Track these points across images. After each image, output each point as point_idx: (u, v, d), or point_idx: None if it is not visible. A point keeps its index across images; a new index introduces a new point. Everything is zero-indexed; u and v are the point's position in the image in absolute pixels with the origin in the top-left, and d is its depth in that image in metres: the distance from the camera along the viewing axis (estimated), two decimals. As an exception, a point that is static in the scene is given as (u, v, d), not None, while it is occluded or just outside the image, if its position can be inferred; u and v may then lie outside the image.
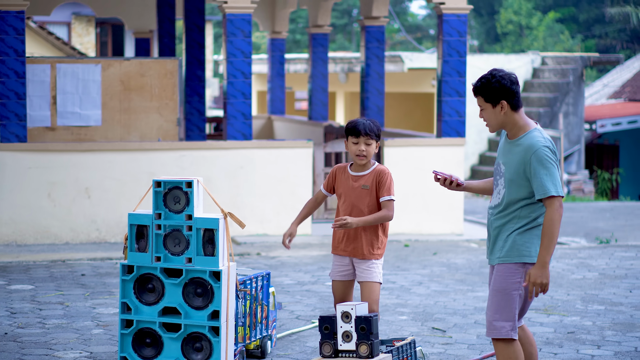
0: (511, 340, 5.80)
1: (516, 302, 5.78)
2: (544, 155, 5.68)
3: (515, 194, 5.79)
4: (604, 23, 52.24)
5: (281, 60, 22.65)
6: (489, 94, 5.80)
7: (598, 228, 16.29)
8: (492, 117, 5.84)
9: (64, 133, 14.15)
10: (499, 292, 5.79)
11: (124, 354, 6.88)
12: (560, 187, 5.68)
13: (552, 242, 5.64)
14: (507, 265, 5.79)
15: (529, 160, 5.71)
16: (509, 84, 5.77)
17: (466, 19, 14.55)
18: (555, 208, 5.64)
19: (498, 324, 5.78)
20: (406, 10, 62.08)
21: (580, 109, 28.83)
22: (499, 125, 5.87)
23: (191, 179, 6.79)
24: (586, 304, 9.66)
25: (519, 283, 5.76)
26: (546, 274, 5.64)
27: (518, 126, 5.82)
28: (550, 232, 5.63)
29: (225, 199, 13.65)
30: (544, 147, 5.70)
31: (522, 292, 5.79)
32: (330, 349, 6.79)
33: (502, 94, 5.78)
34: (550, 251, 5.65)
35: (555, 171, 5.68)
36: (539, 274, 5.64)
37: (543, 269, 5.64)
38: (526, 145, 5.74)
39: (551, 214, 5.64)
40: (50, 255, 12.37)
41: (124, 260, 6.98)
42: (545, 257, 5.64)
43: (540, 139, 5.74)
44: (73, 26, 34.95)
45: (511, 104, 5.79)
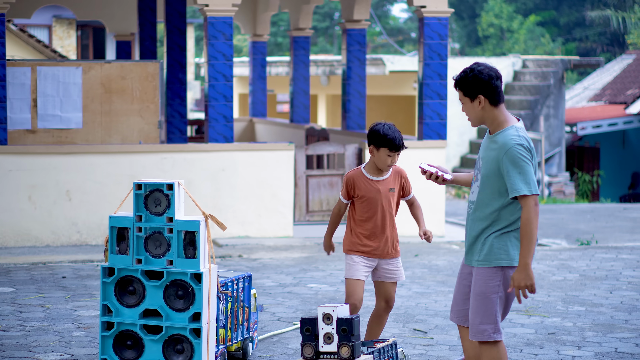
0: (495, 342, 5.80)
1: (496, 304, 5.76)
2: (516, 154, 5.61)
3: (489, 190, 5.74)
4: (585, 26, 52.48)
5: (263, 63, 22.66)
6: (466, 87, 5.75)
7: (579, 230, 16.35)
8: (470, 111, 5.79)
9: (44, 136, 14.12)
10: (479, 296, 5.78)
11: (105, 356, 6.86)
12: (533, 186, 5.60)
13: (532, 242, 5.60)
14: (485, 270, 5.77)
15: (502, 159, 5.65)
16: (487, 78, 5.70)
17: (447, 22, 14.60)
18: (530, 207, 5.58)
19: (481, 327, 5.78)
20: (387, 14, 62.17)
21: (561, 112, 28.93)
22: (478, 120, 5.81)
23: (172, 181, 6.77)
24: (567, 305, 9.70)
25: (497, 286, 5.73)
26: (529, 275, 5.60)
27: (497, 122, 5.76)
28: (528, 232, 5.59)
29: (206, 202, 13.64)
30: (517, 146, 5.62)
31: (502, 294, 5.76)
32: (312, 350, 6.79)
33: (479, 88, 5.71)
34: (531, 252, 5.60)
35: (528, 169, 5.60)
36: (522, 277, 5.60)
37: (525, 271, 5.60)
38: (500, 143, 5.68)
39: (527, 213, 5.58)
40: (31, 257, 12.33)
41: (104, 263, 6.96)
42: (526, 258, 5.60)
43: (514, 137, 5.66)
44: (54, 29, 34.85)
45: (489, 98, 5.72)
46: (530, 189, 5.59)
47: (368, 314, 9.21)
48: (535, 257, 12.87)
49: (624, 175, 30.76)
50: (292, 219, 14.35)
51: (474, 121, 5.84)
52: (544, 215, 18.31)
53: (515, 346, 8.04)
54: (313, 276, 11.27)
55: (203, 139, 19.75)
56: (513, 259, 5.73)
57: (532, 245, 5.60)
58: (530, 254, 5.60)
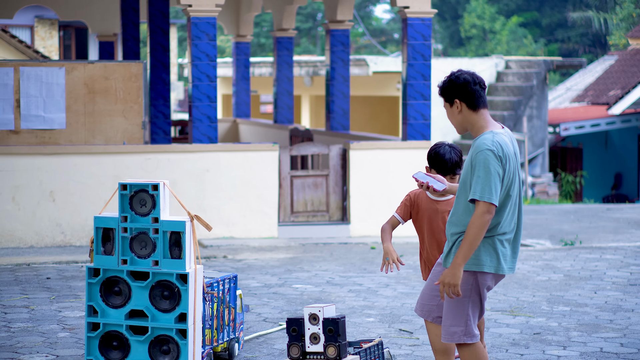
0: (469, 344, 5.81)
1: (468, 308, 5.76)
2: (483, 159, 5.58)
3: (463, 196, 5.74)
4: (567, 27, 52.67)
5: (246, 64, 22.64)
6: (445, 93, 5.79)
7: (562, 230, 16.40)
8: (451, 117, 5.82)
9: (28, 136, 14.06)
10: (451, 299, 5.79)
11: (91, 357, 6.84)
12: (491, 194, 5.53)
13: (470, 246, 5.56)
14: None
15: (471, 162, 5.66)
16: (463, 82, 5.71)
17: (430, 23, 14.61)
18: (479, 213, 5.54)
19: (451, 329, 5.80)
20: (370, 15, 62.26)
21: (544, 113, 29.02)
22: (459, 125, 5.81)
23: (157, 181, 6.76)
24: (552, 305, 9.72)
25: (469, 290, 5.73)
26: (456, 274, 5.58)
27: (477, 127, 5.76)
28: (469, 235, 5.56)
29: (191, 202, 13.61)
30: (487, 151, 5.59)
31: (475, 298, 5.77)
32: (298, 351, 6.79)
33: (455, 92, 5.73)
34: (466, 254, 5.57)
35: (491, 177, 5.55)
36: (448, 274, 5.61)
37: (453, 270, 5.59)
38: (475, 145, 5.69)
39: (474, 218, 5.55)
40: (15, 258, 12.28)
41: (90, 264, 6.93)
42: (458, 258, 5.58)
43: (487, 142, 5.62)
44: (36, 29, 34.72)
45: (466, 102, 5.73)
46: (483, 195, 5.54)
47: (354, 314, 9.21)
48: (520, 257, 12.90)
49: (607, 176, 30.88)
50: (277, 220, 14.35)
51: (457, 127, 5.85)
52: (528, 216, 18.36)
53: (501, 346, 8.06)
54: (298, 277, 11.27)
55: (187, 139, 19.72)
56: (484, 265, 5.72)
57: (470, 249, 5.56)
58: (465, 256, 5.57)
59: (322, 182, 14.80)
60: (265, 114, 34.32)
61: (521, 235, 5.97)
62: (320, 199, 14.74)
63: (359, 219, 14.57)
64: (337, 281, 10.99)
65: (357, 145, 14.66)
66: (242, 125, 23.29)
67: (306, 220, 14.74)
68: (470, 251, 5.56)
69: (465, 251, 5.56)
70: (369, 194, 14.62)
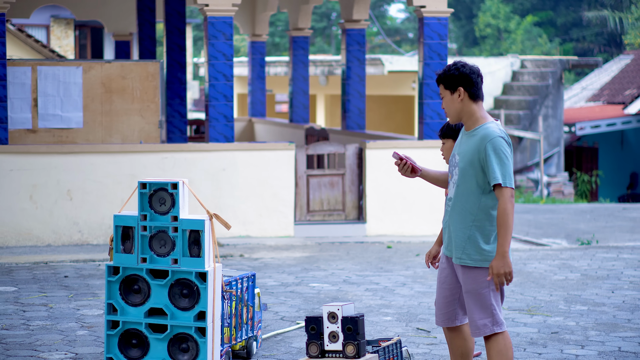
0: (498, 334, 5.86)
1: (491, 297, 5.85)
2: (499, 145, 5.75)
3: (468, 183, 5.85)
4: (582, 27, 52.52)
5: (261, 63, 22.67)
6: (447, 81, 5.89)
7: (579, 229, 16.37)
8: (450, 104, 5.91)
9: (45, 135, 14.11)
10: (471, 294, 5.88)
11: (110, 355, 6.87)
12: (510, 180, 5.74)
13: (508, 232, 5.72)
14: (471, 269, 5.88)
15: (484, 148, 5.77)
16: (469, 72, 5.86)
17: (447, 22, 14.61)
18: (506, 198, 5.71)
19: (480, 322, 5.86)
20: (385, 14, 62.22)
21: (559, 112, 28.96)
22: (457, 113, 5.91)
23: (177, 180, 6.78)
24: (569, 305, 9.71)
25: (487, 282, 5.83)
26: (507, 263, 5.70)
27: (475, 117, 5.89)
28: (504, 222, 5.70)
29: (207, 201, 13.64)
30: (499, 137, 5.77)
31: (494, 286, 5.85)
32: (317, 349, 6.80)
33: (459, 80, 5.86)
34: (508, 241, 5.71)
35: (507, 163, 5.75)
36: (501, 265, 5.70)
37: (504, 259, 5.70)
38: (482, 134, 5.80)
39: (503, 204, 5.71)
40: (33, 257, 12.33)
41: (109, 262, 6.96)
42: (503, 246, 5.70)
43: (496, 130, 5.81)
44: (52, 29, 34.82)
45: (469, 92, 5.86)
46: (505, 180, 5.73)
47: (371, 313, 9.22)
48: (537, 256, 12.89)
49: (623, 176, 30.79)
50: (293, 219, 14.36)
51: (453, 115, 5.94)
52: (544, 215, 18.33)
53: (519, 345, 8.05)
54: (315, 276, 11.28)
55: (202, 138, 19.77)
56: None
57: (509, 235, 5.72)
58: (507, 242, 5.71)
59: (338, 181, 14.81)
60: (280, 113, 34.35)
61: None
62: (337, 198, 14.75)
63: (375, 218, 14.57)
64: (353, 280, 11.00)
65: (373, 145, 14.67)
66: (258, 124, 23.32)
67: (322, 219, 14.75)
68: (509, 236, 5.70)
69: (507, 237, 5.70)
70: (385, 193, 14.62)
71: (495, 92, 30.10)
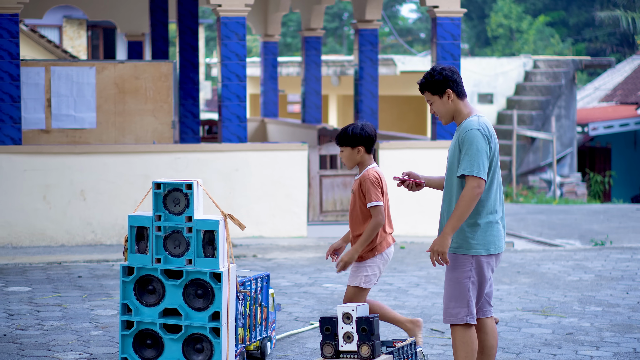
0: (468, 325, 6.05)
1: (469, 289, 6.03)
2: (470, 137, 5.93)
3: (454, 175, 6.04)
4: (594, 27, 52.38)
5: (274, 63, 22.66)
6: (434, 86, 6.13)
7: (592, 230, 16.33)
8: (441, 107, 6.14)
9: (58, 135, 14.14)
10: (452, 281, 6.07)
11: (125, 355, 6.87)
12: (478, 169, 5.87)
13: (459, 218, 5.88)
14: (456, 256, 6.05)
15: (462, 140, 5.97)
16: (451, 74, 6.11)
17: (460, 22, 14.58)
18: (470, 186, 5.88)
19: (454, 310, 6.06)
20: (397, 14, 62.15)
21: (572, 112, 28.89)
22: (450, 114, 6.15)
23: (191, 180, 6.78)
24: (583, 306, 9.68)
25: (469, 272, 6.02)
26: (445, 242, 5.90)
27: (463, 114, 6.12)
28: (459, 206, 5.89)
29: (220, 202, 13.64)
30: (474, 130, 5.96)
31: (475, 280, 6.03)
32: (332, 349, 6.79)
33: (446, 83, 6.10)
34: (455, 224, 5.88)
35: (479, 154, 5.90)
36: (438, 242, 5.94)
37: (442, 238, 5.92)
38: (462, 127, 6.04)
39: (465, 192, 5.89)
40: (47, 257, 12.35)
41: (123, 262, 6.96)
42: (447, 226, 5.90)
43: (474, 123, 6.00)
44: (64, 29, 34.89)
45: (456, 91, 6.11)
46: (472, 170, 5.89)
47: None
48: (550, 257, 12.85)
49: (636, 176, 30.69)
50: (306, 219, 14.35)
51: (446, 116, 6.18)
52: (557, 216, 18.29)
53: (533, 346, 8.03)
54: (328, 276, 11.27)
55: (215, 139, 19.78)
56: (483, 247, 6.02)
57: (459, 219, 5.89)
58: (454, 226, 5.89)
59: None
60: (292, 113, 34.34)
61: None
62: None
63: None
64: (367, 281, 10.97)
65: (386, 145, 14.65)
66: (270, 124, 23.32)
67: (335, 220, 14.74)
68: (459, 222, 5.89)
69: (455, 222, 5.90)
70: (398, 193, 14.58)
71: (508, 92, 30.05)
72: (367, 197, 7.00)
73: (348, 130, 7.07)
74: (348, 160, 7.10)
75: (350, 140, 7.06)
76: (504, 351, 7.88)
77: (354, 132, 7.06)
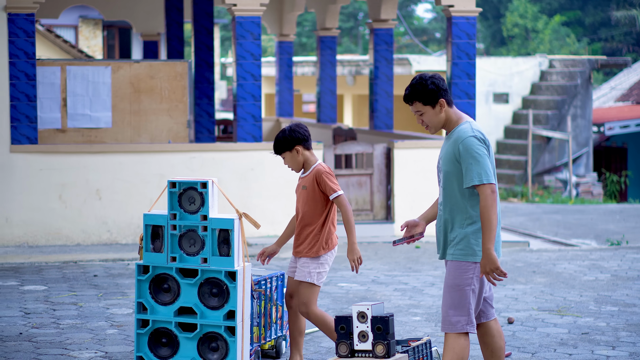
0: (465, 333, 5.95)
1: (469, 297, 5.92)
2: (470, 145, 5.83)
3: (454, 184, 5.93)
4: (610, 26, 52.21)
5: (289, 63, 22.67)
6: (427, 96, 5.96)
7: (608, 230, 16.27)
8: (434, 118, 6.00)
9: (74, 135, 14.17)
10: (453, 289, 5.94)
11: (140, 354, 6.88)
12: (487, 175, 5.79)
13: (491, 229, 5.76)
14: (460, 263, 5.93)
15: (459, 150, 5.87)
16: (441, 82, 5.98)
17: (475, 22, 14.55)
18: (486, 195, 5.78)
19: (454, 319, 5.93)
20: (412, 14, 62.09)
21: (588, 112, 28.80)
22: (441, 124, 6.03)
23: (206, 179, 6.78)
24: (599, 305, 9.65)
25: (471, 279, 5.90)
26: (492, 259, 5.75)
27: (453, 121, 6.01)
28: (486, 219, 5.77)
29: (235, 201, 13.64)
30: (471, 137, 5.85)
31: (476, 287, 5.93)
32: (347, 348, 6.78)
33: (438, 93, 5.96)
34: (491, 238, 5.76)
35: (482, 160, 5.81)
36: (486, 262, 5.77)
37: (488, 257, 5.76)
38: (455, 136, 5.93)
39: (484, 201, 5.78)
40: (62, 256, 12.38)
41: (138, 261, 6.97)
42: (487, 243, 5.77)
43: (467, 130, 5.90)
44: (80, 29, 34.97)
45: (447, 100, 5.98)
46: (482, 178, 5.80)
47: (400, 313, 9.20)
48: (566, 257, 12.82)
49: (652, 176, 30.57)
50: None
51: (437, 127, 6.05)
52: (573, 216, 18.23)
53: (549, 346, 8.01)
54: (343, 275, 11.26)
55: (230, 138, 19.78)
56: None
57: (492, 231, 5.77)
58: (491, 239, 5.76)
59: (367, 181, 14.78)
60: (307, 113, 34.34)
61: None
62: (365, 197, 14.72)
63: (403, 218, 14.53)
64: (382, 280, 10.98)
65: (401, 144, 14.63)
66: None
67: (350, 219, 14.69)
68: (492, 232, 5.76)
69: (490, 234, 5.76)
70: (413, 192, 14.59)
71: (524, 92, 29.98)
72: (327, 190, 6.97)
73: (279, 136, 7.06)
74: (292, 163, 7.08)
75: (285, 145, 7.04)
76: (520, 351, 7.86)
77: (285, 136, 7.04)
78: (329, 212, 7.03)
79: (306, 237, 7.04)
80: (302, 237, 7.06)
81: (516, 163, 28.17)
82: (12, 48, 13.26)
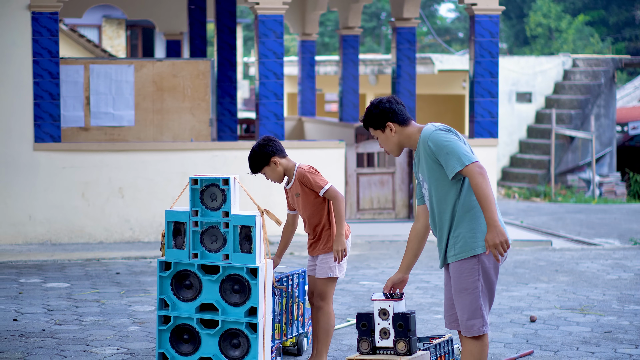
0: (483, 335, 5.87)
1: (480, 299, 5.82)
2: (436, 138, 5.76)
3: (438, 186, 5.85)
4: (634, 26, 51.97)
5: (311, 62, 22.67)
6: (374, 121, 5.95)
7: (632, 229, 16.19)
8: (387, 141, 5.98)
9: (97, 133, 14.22)
10: (462, 293, 5.85)
11: (162, 350, 6.89)
12: (467, 156, 5.67)
13: (490, 203, 5.61)
14: (462, 263, 5.83)
15: (430, 148, 5.78)
16: (387, 105, 5.92)
17: (498, 20, 14.51)
18: (474, 173, 5.64)
19: (469, 322, 5.86)
20: (435, 13, 61.99)
21: (611, 111, 28.67)
22: (397, 146, 5.99)
23: (228, 176, 6.78)
24: (622, 304, 9.60)
25: (477, 280, 5.80)
26: (500, 231, 5.59)
27: (413, 137, 5.94)
28: (483, 195, 5.61)
29: (257, 199, 13.65)
30: (435, 131, 5.78)
31: (484, 286, 5.82)
32: (368, 345, 6.77)
33: (384, 117, 5.93)
34: (493, 211, 5.61)
35: (455, 145, 5.70)
36: (494, 235, 5.59)
37: (496, 229, 5.59)
38: (421, 144, 5.85)
39: (474, 180, 5.63)
40: (85, 254, 12.43)
41: (161, 257, 6.98)
42: (491, 218, 5.60)
43: (429, 129, 5.84)
44: (103, 29, 35.11)
45: (398, 121, 5.93)
46: (463, 161, 5.68)
47: (422, 311, 9.18)
48: (589, 256, 12.76)
49: (676, 176, 30.39)
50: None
51: (394, 149, 6.03)
52: (596, 215, 18.15)
53: (572, 344, 7.97)
54: (365, 274, 11.25)
55: (252, 137, 19.81)
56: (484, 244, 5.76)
57: (492, 204, 5.63)
58: (494, 212, 5.61)
59: (389, 179, 14.77)
60: (329, 112, 34.33)
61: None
62: (387, 196, 14.71)
63: (425, 216, 14.49)
64: (404, 278, 10.95)
65: (423, 143, 14.60)
66: (308, 123, 23.33)
67: (372, 218, 14.71)
68: (493, 205, 5.60)
69: (490, 207, 5.60)
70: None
71: (547, 91, 29.88)
72: (314, 187, 7.03)
73: (252, 155, 7.06)
74: (274, 176, 7.13)
75: (262, 161, 7.06)
76: (542, 349, 7.83)
77: (259, 153, 7.05)
78: (329, 205, 7.08)
79: (319, 235, 7.09)
80: (315, 237, 7.12)
81: (539, 162, 28.07)
82: (36, 46, 13.33)
